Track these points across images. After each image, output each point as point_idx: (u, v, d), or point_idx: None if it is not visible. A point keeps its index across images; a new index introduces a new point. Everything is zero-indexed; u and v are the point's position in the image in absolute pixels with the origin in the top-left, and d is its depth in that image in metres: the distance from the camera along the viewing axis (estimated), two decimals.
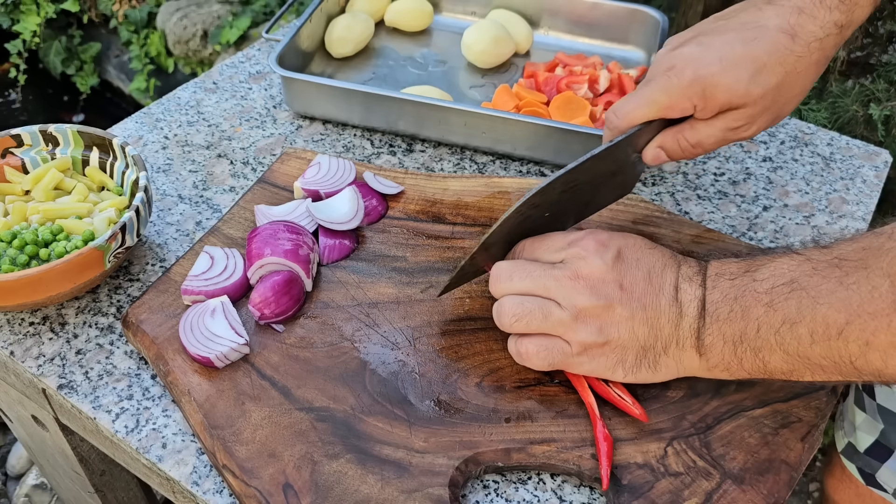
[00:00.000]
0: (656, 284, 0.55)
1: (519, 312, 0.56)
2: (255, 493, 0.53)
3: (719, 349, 0.52)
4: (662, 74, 0.58)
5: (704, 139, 0.60)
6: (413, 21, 1.03)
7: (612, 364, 0.55)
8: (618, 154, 0.61)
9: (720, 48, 0.57)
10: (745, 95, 0.56)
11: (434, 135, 0.86)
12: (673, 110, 0.59)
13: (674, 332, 0.54)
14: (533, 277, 0.56)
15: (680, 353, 0.54)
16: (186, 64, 2.42)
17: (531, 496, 0.56)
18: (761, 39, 0.56)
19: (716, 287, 0.53)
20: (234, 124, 0.89)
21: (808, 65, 0.57)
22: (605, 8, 0.99)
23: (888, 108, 1.11)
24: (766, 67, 0.56)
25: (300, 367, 0.61)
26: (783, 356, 0.50)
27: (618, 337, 0.55)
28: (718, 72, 0.56)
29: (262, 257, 0.65)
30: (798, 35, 0.56)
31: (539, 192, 0.56)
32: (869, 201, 0.82)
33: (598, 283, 0.55)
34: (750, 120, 0.58)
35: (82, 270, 0.62)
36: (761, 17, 0.58)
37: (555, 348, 0.56)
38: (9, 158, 0.73)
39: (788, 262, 0.50)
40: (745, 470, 0.55)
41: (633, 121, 0.60)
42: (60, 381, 0.62)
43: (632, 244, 0.57)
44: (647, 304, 0.54)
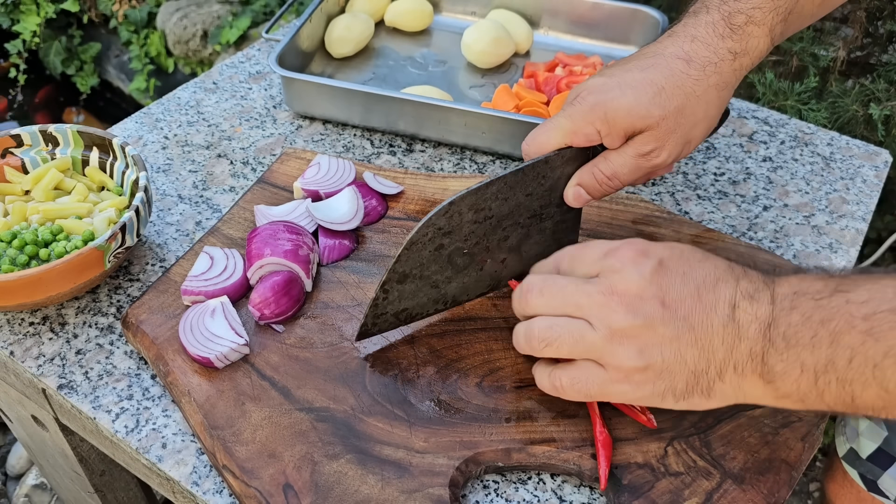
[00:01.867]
0: (707, 301, 0.49)
1: (548, 337, 0.52)
2: (255, 494, 0.53)
3: (794, 378, 0.46)
4: (569, 104, 0.60)
5: (618, 168, 0.60)
6: (413, 21, 1.03)
7: (662, 391, 0.50)
8: (530, 186, 0.59)
9: (621, 76, 0.59)
10: (646, 116, 0.57)
11: (434, 135, 0.86)
12: (577, 135, 0.59)
13: (729, 355, 0.48)
14: (564, 294, 0.52)
15: (740, 380, 0.49)
16: (186, 64, 2.42)
17: (531, 496, 0.56)
18: (658, 66, 0.59)
19: (795, 308, 0.47)
20: (234, 124, 0.89)
21: (706, 87, 0.59)
22: (606, 8, 0.99)
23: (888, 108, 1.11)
24: (665, 90, 0.58)
25: (300, 368, 0.61)
26: (879, 392, 0.44)
27: (661, 360, 0.49)
28: (619, 95, 0.58)
29: (261, 257, 0.65)
30: (693, 60, 0.59)
31: (442, 214, 0.54)
32: (869, 201, 0.82)
33: (635, 299, 0.50)
34: (658, 143, 0.59)
35: (82, 270, 0.62)
36: (659, 47, 0.60)
37: (590, 378, 0.51)
38: (9, 158, 0.73)
39: (894, 286, 0.44)
40: (746, 469, 0.55)
41: (540, 145, 0.60)
42: (60, 381, 0.62)
43: (678, 254, 0.52)
44: (695, 323, 0.49)
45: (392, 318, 0.60)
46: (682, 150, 0.60)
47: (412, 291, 0.59)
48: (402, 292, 0.58)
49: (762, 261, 0.70)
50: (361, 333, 0.60)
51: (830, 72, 1.25)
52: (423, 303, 0.61)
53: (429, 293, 0.60)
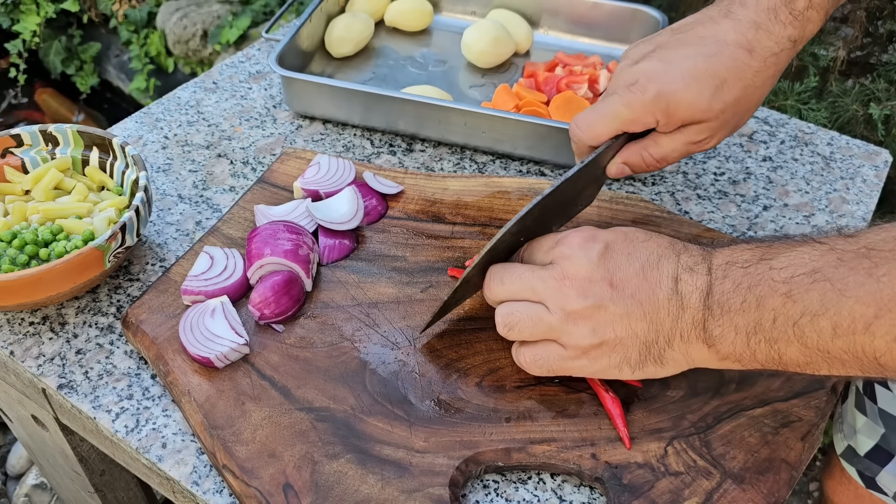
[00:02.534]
0: (652, 278, 0.53)
1: (510, 322, 0.56)
2: (255, 494, 0.53)
3: (730, 340, 0.50)
4: (626, 89, 0.59)
5: (668, 153, 0.61)
6: (413, 21, 1.03)
7: (617, 363, 0.54)
8: (588, 173, 0.61)
9: (681, 63, 0.58)
10: (706, 111, 0.57)
11: (434, 135, 0.86)
12: (636, 124, 0.59)
13: (675, 324, 0.52)
14: (522, 280, 0.55)
15: (686, 347, 0.52)
16: (186, 64, 2.42)
17: (531, 496, 0.56)
18: (721, 55, 0.58)
19: (727, 276, 0.51)
20: (234, 124, 0.89)
21: (765, 79, 0.59)
22: (605, 8, 0.99)
23: (888, 108, 1.11)
24: (727, 83, 0.57)
25: (300, 367, 0.61)
26: (801, 349, 0.48)
27: (614, 336, 0.53)
28: (681, 88, 0.57)
29: (261, 257, 0.65)
30: (755, 50, 0.58)
31: (518, 222, 0.56)
32: (869, 201, 0.82)
33: (585, 282, 0.53)
34: (711, 133, 0.59)
35: (82, 270, 0.62)
36: (719, 31, 0.59)
37: (550, 355, 0.55)
38: (9, 158, 0.73)
39: (810, 251, 0.48)
40: (746, 469, 0.55)
41: (596, 133, 0.60)
42: (60, 381, 0.62)
43: (622, 238, 0.55)
44: (642, 299, 0.52)
45: (453, 305, 0.63)
46: (730, 133, 0.61)
47: (473, 285, 0.61)
48: (466, 288, 0.61)
49: None
50: (426, 327, 0.63)
51: (830, 71, 1.25)
52: (477, 289, 0.63)
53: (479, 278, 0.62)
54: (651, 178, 0.84)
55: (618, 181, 0.83)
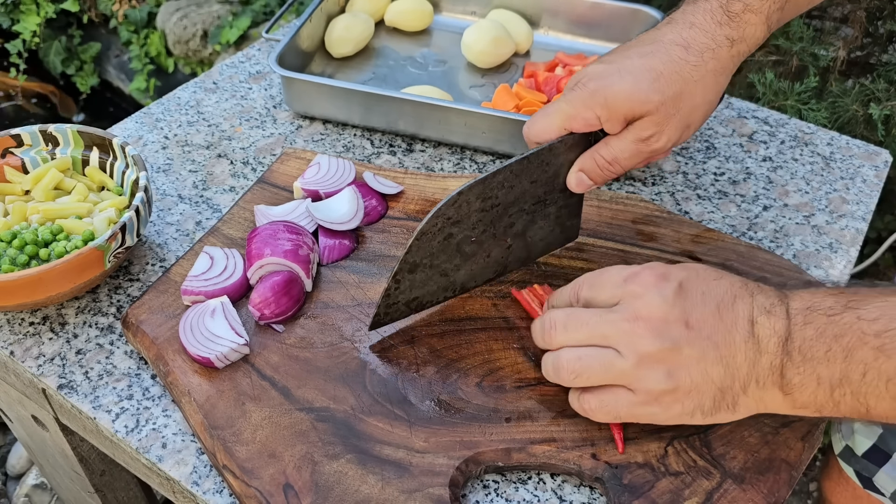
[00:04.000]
0: (728, 319, 0.50)
1: (577, 368, 0.53)
2: (255, 494, 0.53)
3: (811, 390, 0.48)
4: (569, 90, 0.61)
5: (619, 153, 0.61)
6: (413, 21, 1.03)
7: (691, 410, 0.51)
8: (535, 173, 0.60)
9: (621, 63, 0.60)
10: (645, 101, 0.58)
11: (434, 135, 0.86)
12: (577, 120, 0.60)
13: (752, 370, 0.50)
14: (589, 326, 0.52)
15: (761, 393, 0.50)
16: (186, 64, 2.42)
17: (531, 496, 0.56)
18: (657, 52, 0.60)
19: (809, 322, 0.48)
20: (234, 124, 0.89)
21: (704, 73, 0.60)
22: (605, 8, 0.99)
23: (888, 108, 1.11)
24: (663, 76, 0.59)
25: (300, 368, 0.61)
26: (893, 405, 0.46)
27: (690, 381, 0.50)
28: (618, 81, 0.59)
29: (261, 257, 0.65)
30: (691, 46, 0.60)
31: (451, 204, 0.55)
32: (869, 201, 0.82)
33: (661, 323, 0.50)
34: (657, 128, 0.60)
35: (82, 270, 0.62)
36: (657, 34, 0.62)
37: (619, 402, 0.52)
38: (9, 158, 0.73)
39: None
40: (746, 469, 0.55)
41: (540, 129, 0.61)
42: (60, 381, 0.62)
43: (695, 275, 0.53)
44: (718, 341, 0.50)
45: (403, 307, 0.61)
46: (682, 134, 0.61)
47: (423, 280, 0.60)
48: (413, 281, 0.59)
49: (762, 261, 0.70)
50: (374, 323, 0.61)
51: (830, 72, 1.25)
52: (433, 291, 0.62)
53: (438, 281, 0.61)
54: (651, 178, 0.84)
55: (617, 181, 0.83)
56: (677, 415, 0.52)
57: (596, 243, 0.71)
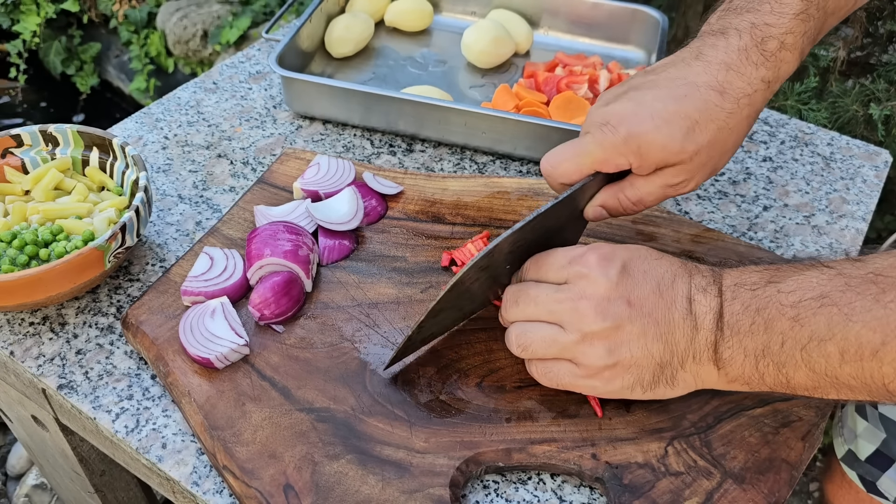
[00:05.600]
0: (668, 297, 0.52)
1: (523, 343, 0.55)
2: (255, 494, 0.53)
3: (739, 363, 0.50)
4: (597, 128, 0.58)
5: (645, 196, 0.59)
6: (413, 21, 1.03)
7: (630, 384, 0.53)
8: (563, 211, 0.59)
9: (652, 105, 0.56)
10: (679, 153, 0.56)
11: (434, 135, 0.86)
12: (608, 164, 0.58)
13: (689, 345, 0.52)
14: (537, 302, 0.55)
15: (697, 368, 0.52)
16: (186, 64, 2.42)
17: (531, 496, 0.56)
18: (691, 97, 0.56)
19: (736, 298, 0.51)
20: (234, 124, 0.89)
21: (739, 120, 0.57)
22: (605, 8, 0.99)
23: (888, 108, 1.11)
24: (699, 125, 0.56)
25: (300, 368, 0.61)
26: (808, 373, 0.48)
27: (630, 356, 0.52)
28: (651, 129, 0.56)
29: (261, 258, 0.65)
30: (727, 91, 0.56)
31: (486, 255, 0.55)
32: (869, 201, 0.82)
33: (604, 301, 0.52)
34: (688, 175, 0.58)
35: (82, 270, 0.62)
36: (690, 73, 0.57)
37: (562, 373, 0.55)
38: (9, 158, 0.73)
39: (818, 275, 0.48)
40: (746, 469, 0.55)
41: (566, 171, 0.59)
42: (60, 381, 0.62)
43: (637, 256, 0.55)
44: (658, 318, 0.52)
45: (419, 343, 0.61)
46: (709, 176, 0.60)
47: (441, 320, 0.60)
48: (434, 323, 0.59)
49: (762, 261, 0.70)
50: (391, 363, 0.60)
51: (830, 72, 1.25)
52: (447, 325, 0.62)
53: (454, 316, 0.61)
54: None
55: None
56: (618, 388, 0.54)
57: (596, 243, 0.71)
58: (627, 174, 0.60)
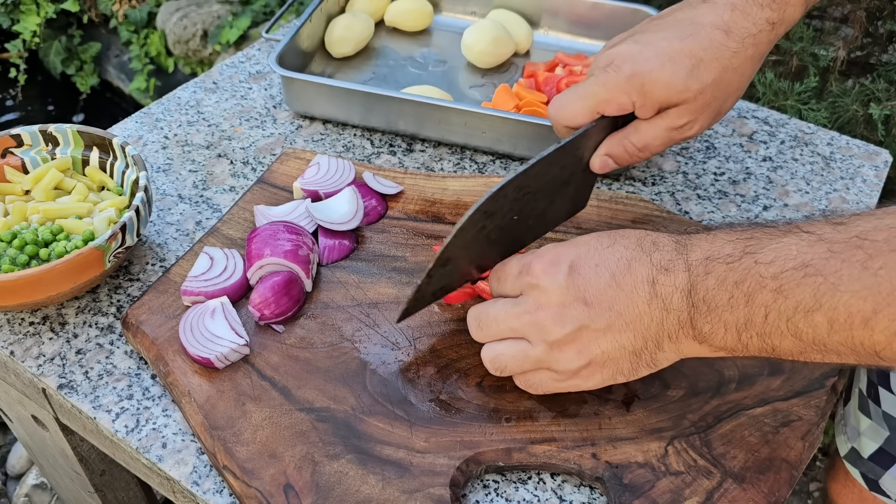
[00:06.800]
0: (626, 285, 0.51)
1: (498, 366, 0.56)
2: (255, 494, 0.53)
3: (721, 336, 0.49)
4: (601, 70, 0.58)
5: (650, 141, 0.59)
6: (413, 21, 1.03)
7: (611, 375, 0.54)
8: (567, 158, 0.59)
9: (657, 44, 0.57)
10: (683, 91, 0.56)
11: (434, 135, 0.86)
12: (611, 105, 0.58)
13: (661, 328, 0.51)
14: (497, 321, 0.55)
15: (677, 346, 0.52)
16: (186, 64, 2.42)
17: (531, 496, 0.56)
18: (697, 36, 0.57)
19: (710, 272, 0.49)
20: (234, 124, 0.89)
21: (744, 60, 0.57)
22: (605, 8, 0.99)
23: (888, 108, 1.11)
24: (703, 63, 0.56)
25: (300, 368, 0.61)
26: (795, 342, 0.47)
27: (601, 353, 0.52)
28: (657, 67, 0.56)
29: (261, 258, 0.65)
30: (732, 31, 0.57)
31: (491, 199, 0.54)
32: (869, 201, 0.82)
33: (559, 308, 0.52)
34: (692, 117, 0.58)
35: (82, 270, 0.62)
36: (696, 14, 0.58)
37: (543, 381, 0.55)
38: (9, 158, 0.73)
39: (797, 242, 0.46)
40: (746, 469, 0.55)
41: (571, 113, 0.58)
42: (60, 381, 0.62)
43: (585, 250, 0.53)
44: (621, 310, 0.51)
45: (430, 297, 0.61)
46: (714, 120, 0.60)
47: (451, 271, 0.59)
48: (443, 273, 0.59)
49: None
50: (403, 316, 0.61)
51: (830, 72, 1.25)
52: (457, 278, 0.61)
53: (463, 268, 0.60)
54: (651, 177, 0.84)
55: (617, 180, 0.83)
56: (599, 382, 0.54)
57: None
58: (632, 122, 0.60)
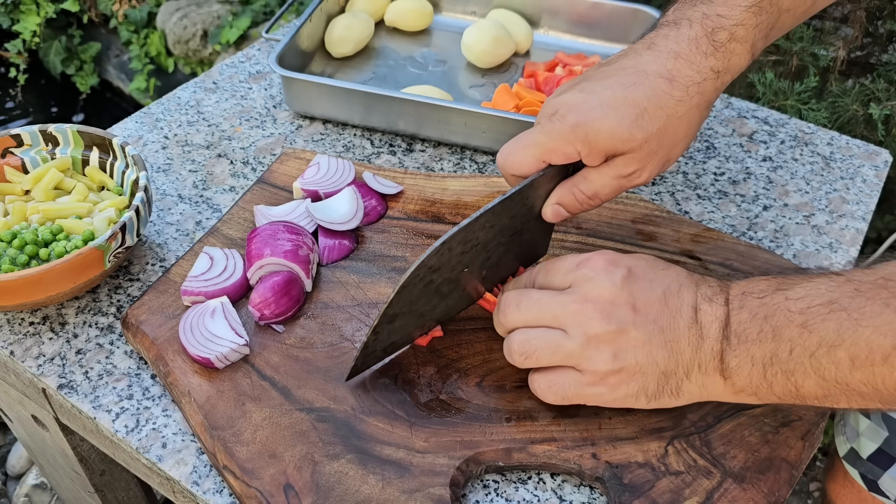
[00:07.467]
0: (673, 305, 0.52)
1: (526, 350, 0.54)
2: (255, 494, 0.53)
3: (746, 372, 0.50)
4: (546, 119, 0.58)
5: (599, 189, 0.59)
6: (413, 21, 1.03)
7: (635, 392, 0.53)
8: (515, 209, 0.58)
9: (601, 94, 0.56)
10: (628, 140, 0.56)
11: (434, 135, 0.86)
12: (556, 154, 0.57)
13: (695, 355, 0.51)
14: (540, 305, 0.54)
15: (703, 378, 0.52)
16: (186, 64, 2.42)
17: (531, 496, 0.56)
18: (641, 84, 0.56)
19: (743, 306, 0.50)
20: (234, 124, 0.89)
21: (689, 108, 0.57)
22: (605, 7, 0.99)
23: (888, 108, 1.11)
24: (647, 112, 0.56)
25: (300, 368, 0.61)
26: (818, 381, 0.47)
27: (635, 362, 0.52)
28: (600, 117, 0.55)
29: (261, 258, 0.65)
30: (676, 80, 0.56)
31: (434, 253, 0.53)
32: (869, 201, 0.82)
33: (608, 305, 0.52)
34: (639, 165, 0.58)
35: (82, 270, 0.62)
36: (640, 62, 0.58)
37: (566, 382, 0.54)
38: (9, 158, 0.73)
39: (827, 282, 0.48)
40: (746, 468, 0.55)
41: (516, 161, 0.58)
42: (60, 381, 0.62)
43: (644, 264, 0.55)
44: (664, 326, 0.52)
45: (381, 353, 0.60)
46: (662, 167, 0.60)
47: (400, 327, 0.58)
48: (392, 330, 0.58)
49: (762, 260, 0.70)
50: (352, 374, 0.59)
51: (830, 71, 1.25)
52: (409, 332, 0.60)
53: (414, 323, 0.59)
54: None
55: None
56: (622, 396, 0.53)
57: (595, 243, 0.71)
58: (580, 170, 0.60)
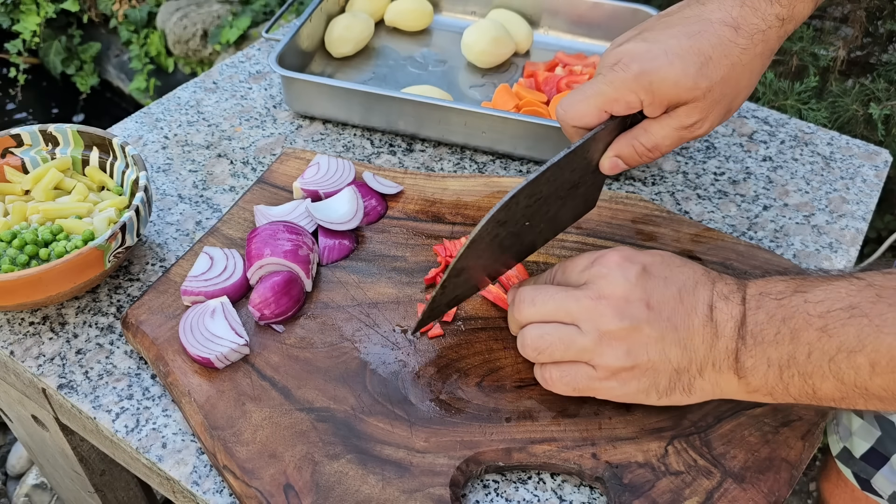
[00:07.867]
0: (688, 303, 0.52)
1: (540, 346, 0.55)
2: (255, 494, 0.53)
3: (762, 373, 0.50)
4: (609, 69, 0.57)
5: (660, 140, 0.58)
6: (413, 21, 1.03)
7: (646, 388, 0.53)
8: (577, 162, 0.58)
9: (665, 42, 0.56)
10: (693, 88, 0.55)
11: (434, 134, 0.86)
12: (619, 103, 0.56)
13: (709, 353, 0.51)
14: (556, 301, 0.54)
15: (717, 376, 0.52)
16: (186, 64, 2.42)
17: (531, 496, 0.56)
18: (705, 33, 0.56)
19: (760, 307, 0.50)
20: (234, 124, 0.89)
21: (753, 56, 0.56)
22: (606, 7, 0.99)
23: (888, 108, 1.11)
24: (712, 60, 0.55)
25: (300, 368, 0.61)
26: (837, 384, 0.47)
27: (647, 359, 0.52)
28: (665, 65, 0.55)
29: (261, 258, 0.65)
30: (741, 27, 0.56)
31: (504, 207, 0.54)
32: (869, 201, 0.82)
33: (623, 302, 0.52)
34: (701, 115, 0.57)
35: (82, 270, 0.62)
36: (704, 11, 0.57)
37: (578, 375, 0.54)
38: (9, 158, 0.73)
39: (847, 286, 0.47)
40: (746, 468, 0.55)
41: (578, 112, 0.58)
42: (60, 381, 0.62)
43: (659, 260, 0.55)
44: (678, 323, 0.51)
45: (444, 307, 0.61)
46: (723, 118, 0.59)
47: (465, 280, 0.59)
48: (457, 284, 0.59)
49: (762, 260, 0.70)
50: (418, 327, 0.61)
51: (830, 71, 1.25)
52: (472, 286, 0.61)
53: (476, 276, 0.60)
54: (651, 177, 0.84)
55: (617, 180, 0.83)
56: (634, 391, 0.53)
57: (596, 243, 0.71)
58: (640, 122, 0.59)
